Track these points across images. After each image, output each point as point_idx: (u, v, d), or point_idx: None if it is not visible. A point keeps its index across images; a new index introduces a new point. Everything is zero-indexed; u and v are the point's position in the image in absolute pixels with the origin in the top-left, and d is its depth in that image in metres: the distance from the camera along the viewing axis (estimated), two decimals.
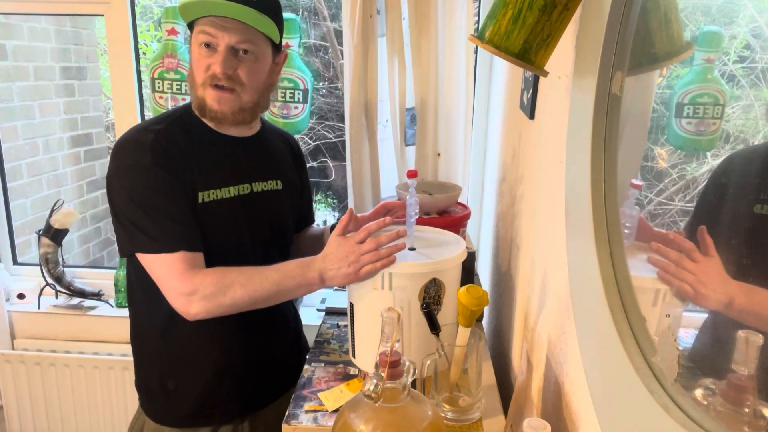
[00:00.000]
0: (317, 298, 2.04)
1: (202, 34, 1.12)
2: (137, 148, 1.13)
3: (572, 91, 0.77)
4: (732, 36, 0.51)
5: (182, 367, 1.24)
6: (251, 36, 1.14)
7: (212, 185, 1.17)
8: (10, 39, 2.36)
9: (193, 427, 1.24)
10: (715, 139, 0.53)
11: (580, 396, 0.77)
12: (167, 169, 1.12)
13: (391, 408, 0.79)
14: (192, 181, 1.15)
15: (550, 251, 0.97)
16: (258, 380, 1.29)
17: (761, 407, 0.43)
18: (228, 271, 1.11)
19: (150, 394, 1.27)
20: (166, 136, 1.15)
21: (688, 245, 0.50)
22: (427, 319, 1.00)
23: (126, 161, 1.13)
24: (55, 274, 2.09)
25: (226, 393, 1.25)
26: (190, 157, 1.16)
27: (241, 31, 1.12)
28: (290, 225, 1.37)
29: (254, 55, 1.16)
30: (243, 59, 1.14)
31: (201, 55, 1.13)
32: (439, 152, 1.83)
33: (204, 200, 1.16)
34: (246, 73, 1.15)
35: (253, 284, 1.10)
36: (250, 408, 1.29)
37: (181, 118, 1.22)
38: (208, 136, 1.21)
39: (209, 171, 1.18)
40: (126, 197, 1.12)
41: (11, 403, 2.13)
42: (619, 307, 0.62)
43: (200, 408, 1.24)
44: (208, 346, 1.23)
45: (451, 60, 1.75)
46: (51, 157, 2.61)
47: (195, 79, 1.16)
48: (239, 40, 1.12)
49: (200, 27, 1.12)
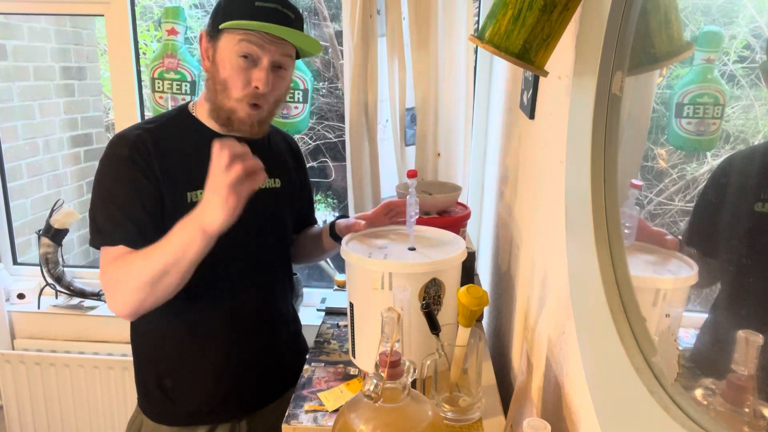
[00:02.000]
0: (317, 298, 2.04)
1: (246, 43, 1.09)
2: (118, 143, 1.13)
3: (572, 91, 0.77)
4: (732, 36, 0.51)
5: (179, 366, 1.24)
6: (289, 51, 1.15)
7: (203, 185, 1.17)
8: (10, 39, 2.37)
9: (190, 426, 1.25)
10: (715, 139, 0.53)
11: (580, 396, 0.77)
12: (142, 167, 1.11)
13: (391, 408, 0.79)
14: (179, 182, 1.14)
15: (550, 251, 0.97)
16: (255, 381, 1.29)
17: (761, 407, 0.43)
18: (125, 261, 1.07)
19: (148, 393, 1.27)
20: (154, 135, 1.15)
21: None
22: (427, 319, 1.00)
23: (105, 154, 1.14)
24: (55, 274, 2.09)
25: (224, 393, 1.25)
26: (180, 158, 1.16)
27: (283, 47, 1.13)
28: (288, 224, 1.37)
29: (287, 71, 1.17)
30: (278, 74, 1.15)
31: (239, 66, 1.11)
32: (439, 152, 1.83)
33: (192, 200, 1.15)
34: (278, 88, 1.16)
35: (141, 268, 1.04)
36: (248, 408, 1.29)
37: (176, 118, 1.22)
38: (204, 136, 1.20)
39: (200, 171, 1.17)
40: (95, 189, 1.13)
41: (11, 403, 2.13)
42: (619, 307, 0.62)
43: (197, 407, 1.24)
44: (205, 345, 1.23)
45: (451, 60, 1.75)
46: (51, 157, 2.61)
47: (229, 91, 1.13)
48: (282, 56, 1.13)
49: (243, 36, 1.09)
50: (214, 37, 1.14)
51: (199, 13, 2.82)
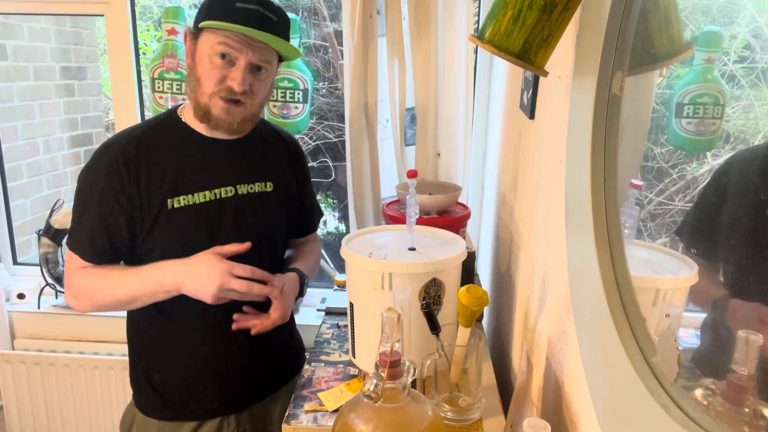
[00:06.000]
0: (317, 298, 2.04)
1: (222, 45, 1.10)
2: (98, 157, 1.18)
3: (572, 91, 0.77)
4: (732, 36, 0.51)
5: (168, 361, 1.26)
6: (270, 56, 1.16)
7: (186, 190, 1.18)
8: (10, 39, 2.36)
9: (178, 420, 1.26)
10: (715, 139, 0.53)
11: (580, 396, 0.77)
12: (116, 188, 1.15)
13: (391, 408, 0.79)
14: (161, 188, 1.16)
15: (550, 251, 0.97)
16: (244, 379, 1.30)
17: (761, 407, 0.43)
18: (99, 275, 1.18)
19: (139, 387, 1.29)
20: (139, 142, 1.18)
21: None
22: (427, 319, 1.00)
23: (88, 164, 1.19)
24: (55, 274, 2.09)
25: (212, 389, 1.26)
26: (164, 163, 1.17)
27: (262, 50, 1.13)
28: (281, 228, 1.34)
29: (268, 72, 1.18)
30: (258, 75, 1.16)
31: (215, 65, 1.12)
32: (439, 152, 1.83)
33: (173, 206, 1.17)
34: (259, 88, 1.17)
35: (114, 290, 1.17)
36: (236, 405, 1.30)
37: (163, 123, 1.23)
38: (190, 140, 1.21)
39: (185, 176, 1.18)
40: (75, 194, 1.19)
41: (11, 403, 2.13)
42: (619, 307, 0.62)
43: (185, 402, 1.26)
44: (193, 341, 1.24)
45: (451, 60, 1.75)
46: (51, 157, 2.61)
47: (202, 86, 1.14)
48: (260, 59, 1.14)
49: (221, 37, 1.10)
50: (195, 35, 1.15)
51: None
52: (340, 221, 3.35)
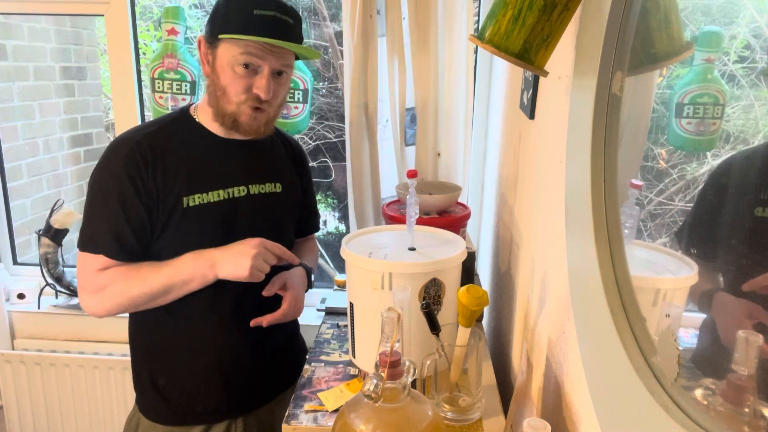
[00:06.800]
0: (317, 298, 2.04)
1: (245, 55, 1.11)
2: (116, 150, 1.15)
3: (572, 91, 0.77)
4: (732, 36, 0.51)
5: (173, 364, 1.25)
6: (290, 59, 1.17)
7: (200, 189, 1.18)
8: (10, 39, 2.36)
9: (185, 425, 1.25)
10: (715, 139, 0.53)
11: (580, 396, 0.77)
12: (134, 180, 1.13)
13: (391, 408, 0.79)
14: (176, 186, 1.16)
15: (550, 251, 0.97)
16: (250, 381, 1.29)
17: (761, 407, 0.43)
18: (127, 269, 1.14)
19: (144, 391, 1.28)
20: (154, 139, 1.16)
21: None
22: (427, 319, 1.00)
23: (102, 159, 1.16)
24: (55, 274, 2.09)
25: (218, 393, 1.26)
26: (178, 161, 1.17)
27: (283, 55, 1.14)
28: (290, 228, 1.36)
29: (287, 75, 1.19)
30: (279, 79, 1.17)
31: (238, 74, 1.12)
32: (439, 152, 1.83)
33: (189, 204, 1.16)
34: (280, 91, 1.18)
35: (147, 281, 1.13)
36: (243, 408, 1.29)
37: (177, 121, 1.22)
38: (204, 140, 1.21)
39: (199, 175, 1.18)
40: (88, 193, 1.17)
41: (11, 403, 2.13)
42: (619, 307, 0.62)
43: (192, 406, 1.25)
44: (198, 344, 1.24)
45: (451, 60, 1.75)
46: (51, 157, 2.61)
47: (228, 96, 1.15)
48: (282, 64, 1.15)
49: (243, 47, 1.10)
50: (212, 44, 1.15)
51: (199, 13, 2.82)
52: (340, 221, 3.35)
